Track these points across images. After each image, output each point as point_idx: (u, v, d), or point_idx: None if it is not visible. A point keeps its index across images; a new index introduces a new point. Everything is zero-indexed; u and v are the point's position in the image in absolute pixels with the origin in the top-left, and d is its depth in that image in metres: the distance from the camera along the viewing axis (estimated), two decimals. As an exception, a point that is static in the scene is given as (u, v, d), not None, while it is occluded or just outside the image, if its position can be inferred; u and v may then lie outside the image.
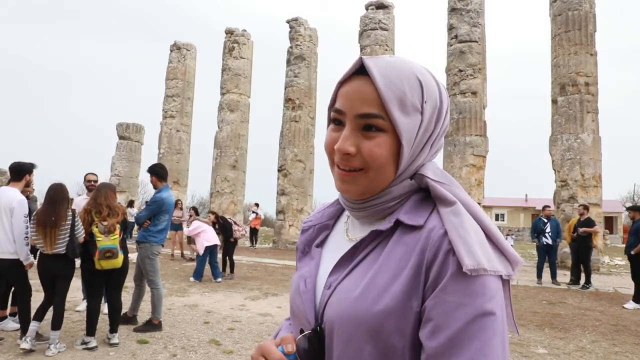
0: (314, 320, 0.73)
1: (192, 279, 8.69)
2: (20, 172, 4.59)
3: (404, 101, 0.68)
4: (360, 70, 0.71)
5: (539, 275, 9.87)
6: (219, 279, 8.81)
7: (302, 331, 0.73)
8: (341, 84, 0.73)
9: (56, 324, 4.16)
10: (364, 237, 0.74)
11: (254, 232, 18.54)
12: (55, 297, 4.25)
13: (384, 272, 0.68)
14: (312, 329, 0.72)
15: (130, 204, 17.47)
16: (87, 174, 5.93)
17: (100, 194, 4.41)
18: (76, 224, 4.28)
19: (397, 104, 0.68)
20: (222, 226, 9.72)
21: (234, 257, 9.84)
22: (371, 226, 0.77)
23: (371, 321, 0.65)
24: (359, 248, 0.74)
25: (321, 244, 0.84)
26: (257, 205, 19.14)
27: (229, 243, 9.72)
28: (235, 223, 10.24)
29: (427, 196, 0.74)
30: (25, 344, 4.04)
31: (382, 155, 0.69)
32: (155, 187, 5.43)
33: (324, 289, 0.74)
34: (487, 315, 0.61)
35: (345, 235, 0.81)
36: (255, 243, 18.45)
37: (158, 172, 5.38)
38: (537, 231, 9.94)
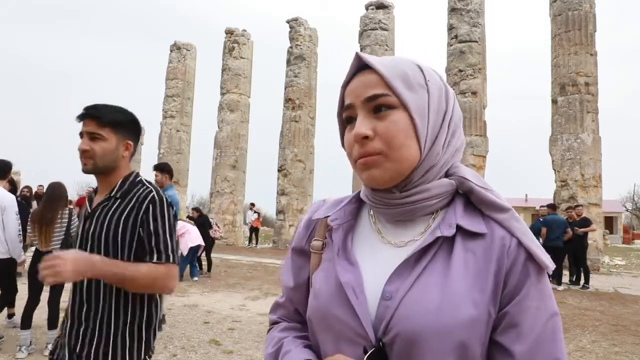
0: (374, 336, 0.66)
1: None
2: (5, 170, 4.54)
3: (407, 79, 0.69)
4: (359, 70, 0.73)
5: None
6: (195, 278, 8.93)
7: (365, 350, 0.65)
8: (345, 86, 0.74)
9: (52, 324, 4.16)
10: (428, 242, 0.69)
11: (255, 232, 18.55)
12: (50, 296, 4.23)
13: (459, 281, 0.66)
14: (375, 346, 0.65)
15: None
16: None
17: None
18: (72, 221, 4.26)
19: (401, 82, 0.69)
20: (202, 223, 9.83)
21: (232, 257, 9.86)
22: (408, 227, 0.74)
23: (458, 333, 0.63)
24: (418, 253, 0.69)
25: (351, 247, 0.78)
26: (253, 204, 19.18)
27: (206, 241, 9.77)
28: (217, 224, 10.42)
29: (469, 199, 0.74)
30: (21, 354, 4.03)
31: (400, 131, 0.68)
32: (162, 186, 5.41)
33: (382, 299, 0.68)
34: (556, 315, 0.70)
35: (379, 237, 0.76)
36: (256, 243, 18.46)
37: (170, 171, 5.43)
38: (535, 232, 9.93)
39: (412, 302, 0.65)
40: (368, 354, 0.65)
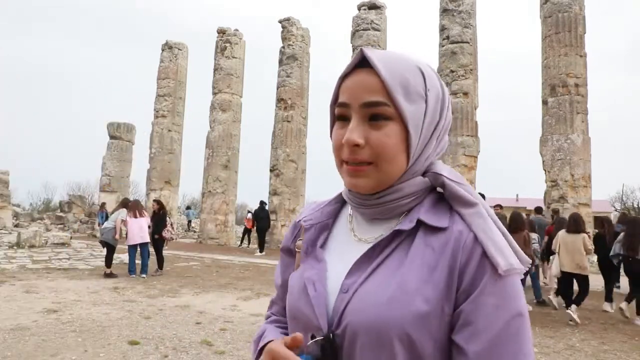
0: (327, 327, 0.68)
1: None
2: None
3: (407, 88, 0.68)
4: (361, 64, 0.70)
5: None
6: (143, 275, 9.03)
7: (313, 337, 0.68)
8: (343, 78, 0.72)
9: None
10: (385, 236, 0.70)
11: (247, 232, 18.49)
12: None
13: (412, 276, 0.65)
14: (324, 336, 0.67)
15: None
16: None
17: None
18: None
19: (402, 91, 0.68)
20: (158, 220, 9.84)
21: (224, 257, 9.84)
22: (382, 225, 0.74)
23: (404, 327, 0.62)
24: (378, 248, 0.70)
25: (323, 245, 0.79)
26: (250, 211, 19.16)
27: (156, 239, 9.80)
28: (172, 225, 10.42)
29: (442, 196, 0.74)
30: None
31: (392, 145, 0.68)
32: None
33: (340, 292, 0.69)
34: (521, 316, 0.64)
35: (352, 235, 0.77)
36: (249, 243, 18.41)
37: None
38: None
39: (365, 296, 0.66)
40: (312, 341, 0.67)
